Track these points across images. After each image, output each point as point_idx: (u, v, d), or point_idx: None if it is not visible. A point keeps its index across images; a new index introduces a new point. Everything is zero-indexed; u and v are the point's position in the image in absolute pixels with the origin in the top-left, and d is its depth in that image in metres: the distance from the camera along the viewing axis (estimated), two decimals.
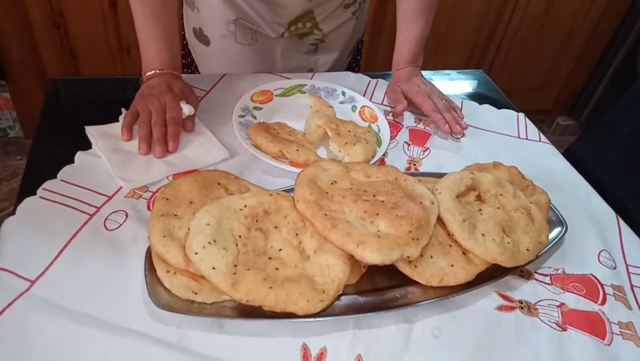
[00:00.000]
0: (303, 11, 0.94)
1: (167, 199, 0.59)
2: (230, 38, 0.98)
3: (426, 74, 1.01)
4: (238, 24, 0.95)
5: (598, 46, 2.43)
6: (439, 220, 0.61)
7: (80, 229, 0.60)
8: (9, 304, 0.51)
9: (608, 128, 0.97)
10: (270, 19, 0.95)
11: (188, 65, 1.10)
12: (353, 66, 1.19)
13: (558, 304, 0.61)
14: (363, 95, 0.95)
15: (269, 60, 1.03)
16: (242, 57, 1.01)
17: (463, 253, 0.60)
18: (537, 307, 0.61)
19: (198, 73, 1.08)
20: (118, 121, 0.76)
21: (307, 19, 0.96)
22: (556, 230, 0.69)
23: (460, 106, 0.96)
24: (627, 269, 0.68)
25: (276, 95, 0.89)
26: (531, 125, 0.97)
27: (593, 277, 0.66)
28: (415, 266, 0.57)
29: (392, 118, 0.93)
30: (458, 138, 0.90)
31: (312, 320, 0.52)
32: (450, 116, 0.89)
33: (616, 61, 2.43)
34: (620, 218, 0.77)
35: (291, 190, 0.61)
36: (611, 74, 2.47)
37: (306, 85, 0.93)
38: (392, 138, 0.86)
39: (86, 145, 0.72)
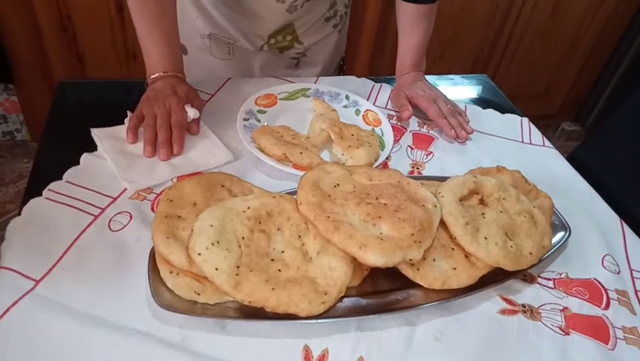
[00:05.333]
0: (283, 24, 0.95)
1: (171, 201, 0.59)
2: (206, 51, 0.98)
3: (430, 78, 1.01)
4: (213, 39, 0.96)
5: (604, 51, 2.42)
6: (442, 223, 0.61)
7: (84, 230, 0.61)
8: (14, 303, 0.51)
9: (612, 133, 0.97)
10: (249, 32, 0.95)
11: None
12: None
13: (561, 308, 0.61)
14: (367, 99, 0.95)
15: (247, 74, 1.02)
16: (219, 70, 1.01)
17: (466, 256, 0.60)
18: (540, 311, 0.61)
19: None
20: (123, 124, 0.77)
21: (287, 31, 0.96)
22: (560, 234, 0.68)
23: (464, 110, 0.97)
24: (631, 274, 0.68)
25: (280, 99, 0.90)
26: (535, 130, 0.97)
27: (596, 282, 0.65)
28: (418, 269, 0.57)
29: (396, 122, 0.93)
30: (463, 142, 0.90)
31: (314, 321, 0.52)
32: (455, 121, 0.90)
33: (622, 66, 2.42)
34: (624, 222, 0.76)
35: (294, 193, 0.61)
36: (617, 79, 2.46)
37: (310, 89, 0.93)
38: (395, 141, 0.86)
39: (92, 147, 0.73)
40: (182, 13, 0.90)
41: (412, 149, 0.87)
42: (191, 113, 0.77)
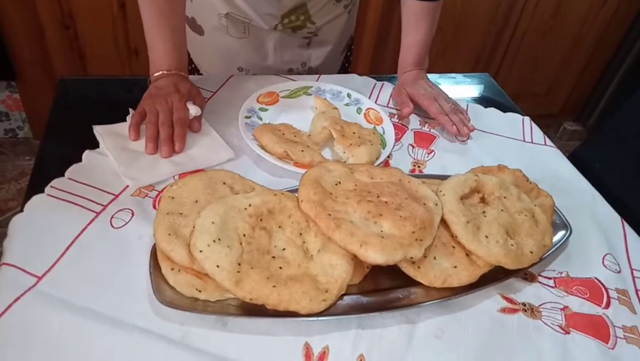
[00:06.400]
0: (297, 4, 0.95)
1: (172, 198, 0.59)
2: (223, 31, 0.99)
3: (432, 77, 1.01)
4: (230, 18, 0.96)
5: (606, 50, 2.41)
6: (443, 222, 0.61)
7: (86, 227, 0.61)
8: (16, 300, 0.51)
9: (614, 132, 0.97)
10: (264, 11, 0.95)
11: None
12: (345, 66, 1.21)
13: (562, 307, 0.61)
14: (369, 98, 0.95)
15: (262, 53, 1.03)
16: (234, 49, 1.02)
17: (467, 254, 0.60)
18: (540, 309, 0.61)
19: (192, 63, 1.09)
20: (125, 121, 0.77)
21: (301, 12, 0.97)
22: (561, 233, 0.68)
23: (465, 109, 0.97)
24: (632, 273, 0.68)
25: (282, 97, 0.90)
26: (536, 129, 0.97)
27: (597, 281, 0.65)
28: (419, 267, 0.57)
29: (397, 120, 0.93)
30: (464, 140, 0.90)
31: (314, 319, 0.52)
32: (457, 118, 0.90)
33: (624, 66, 2.41)
34: (625, 222, 0.76)
35: (296, 191, 0.61)
36: (619, 79, 2.45)
37: (311, 87, 0.93)
38: (397, 140, 0.86)
39: (94, 144, 0.73)
40: None
41: (413, 147, 0.87)
42: (193, 110, 0.77)
